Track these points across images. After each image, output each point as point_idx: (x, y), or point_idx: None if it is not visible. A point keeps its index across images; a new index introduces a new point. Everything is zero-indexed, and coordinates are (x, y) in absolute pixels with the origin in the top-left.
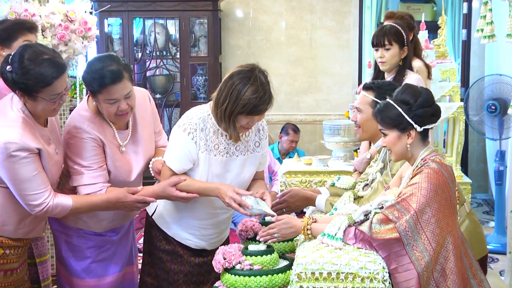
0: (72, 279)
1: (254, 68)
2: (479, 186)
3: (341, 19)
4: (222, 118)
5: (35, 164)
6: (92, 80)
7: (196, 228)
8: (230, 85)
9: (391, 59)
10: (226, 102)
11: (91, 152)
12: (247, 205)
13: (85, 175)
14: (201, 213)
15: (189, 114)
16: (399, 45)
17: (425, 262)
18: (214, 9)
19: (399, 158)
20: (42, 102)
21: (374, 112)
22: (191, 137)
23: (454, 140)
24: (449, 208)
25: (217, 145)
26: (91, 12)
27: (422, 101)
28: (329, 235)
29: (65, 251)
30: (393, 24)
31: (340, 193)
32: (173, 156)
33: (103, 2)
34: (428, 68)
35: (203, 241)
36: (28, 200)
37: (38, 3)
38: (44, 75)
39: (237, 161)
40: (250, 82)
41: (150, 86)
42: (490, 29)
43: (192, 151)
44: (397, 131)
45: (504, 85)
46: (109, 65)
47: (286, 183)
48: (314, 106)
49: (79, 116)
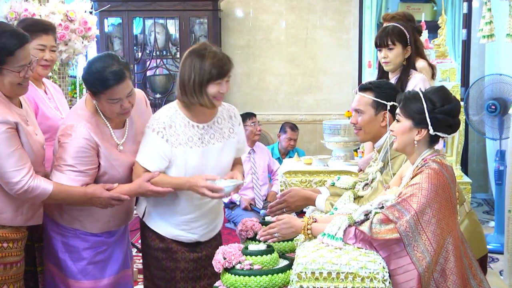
0: (68, 281)
1: (205, 43)
2: (479, 186)
3: (341, 18)
4: (193, 94)
5: (14, 139)
6: (95, 81)
7: (185, 223)
8: (189, 62)
9: (395, 59)
10: (192, 76)
11: (81, 153)
12: (220, 188)
13: (66, 175)
14: (185, 208)
15: (156, 114)
16: (402, 45)
17: (426, 263)
18: (214, 9)
19: (401, 148)
20: (8, 75)
21: (399, 97)
22: (160, 136)
23: (454, 140)
24: (450, 209)
25: (191, 137)
26: (91, 12)
27: (448, 109)
28: (329, 235)
29: (61, 252)
30: (395, 24)
31: (340, 193)
32: (146, 156)
33: (103, 2)
34: (433, 68)
35: (195, 235)
36: (7, 178)
37: (38, 3)
38: (6, 44)
39: (214, 149)
40: (206, 53)
41: (150, 86)
42: (489, 28)
43: (165, 150)
44: (411, 123)
45: (504, 85)
46: (111, 66)
47: (286, 183)
48: (314, 106)
49: (76, 115)
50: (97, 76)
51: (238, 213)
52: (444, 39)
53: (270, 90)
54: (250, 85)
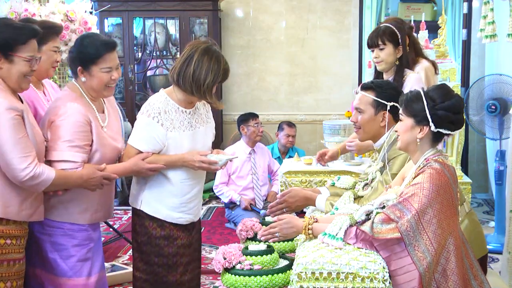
0: (59, 280)
1: (212, 42)
2: (479, 186)
3: (341, 19)
4: (205, 92)
5: (21, 127)
6: (89, 52)
7: (184, 204)
8: (208, 62)
9: (386, 58)
10: (208, 78)
11: (78, 127)
12: (215, 161)
13: (66, 151)
14: (181, 190)
15: (150, 101)
16: (393, 44)
17: (427, 263)
18: (214, 9)
19: (404, 147)
20: (19, 63)
21: (402, 98)
22: (156, 120)
23: (454, 140)
24: (451, 209)
25: (182, 121)
26: (91, 12)
27: (449, 105)
28: (330, 234)
29: (50, 252)
30: (387, 24)
31: (340, 193)
32: (140, 138)
33: (103, 2)
34: (434, 64)
35: (191, 215)
36: (13, 164)
37: (38, 3)
38: (18, 34)
39: (200, 132)
40: (221, 57)
41: (150, 86)
42: (492, 28)
43: (160, 134)
44: (413, 121)
45: (504, 85)
46: (99, 37)
47: (286, 183)
48: (314, 106)
49: (64, 98)
50: (91, 46)
51: (238, 213)
52: (444, 39)
53: (270, 90)
54: (250, 85)
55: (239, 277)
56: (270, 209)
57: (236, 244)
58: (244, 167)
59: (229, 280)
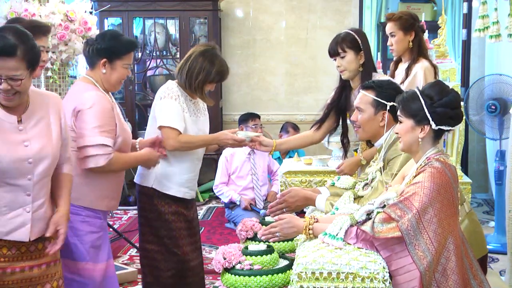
0: (77, 264)
1: (215, 47)
2: (479, 186)
3: (341, 19)
4: (196, 88)
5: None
6: (122, 44)
7: (189, 181)
8: (202, 62)
9: (348, 66)
10: (199, 76)
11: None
12: (243, 139)
13: (97, 136)
14: (188, 167)
15: (167, 85)
16: (354, 51)
17: (427, 262)
18: (214, 9)
19: (406, 148)
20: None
21: (398, 99)
22: (177, 101)
23: (454, 140)
24: (451, 208)
25: (190, 108)
26: (91, 12)
27: (446, 101)
28: (331, 234)
29: (71, 237)
30: (347, 31)
31: (340, 193)
32: (173, 118)
33: (103, 2)
34: (435, 67)
35: (193, 190)
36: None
37: (38, 3)
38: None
39: (202, 120)
40: (216, 60)
41: (150, 86)
42: (496, 28)
43: (182, 113)
44: (413, 122)
45: (504, 85)
46: (124, 36)
47: (286, 183)
48: (314, 106)
49: (86, 87)
50: (123, 42)
51: (238, 213)
52: (444, 39)
53: (270, 90)
54: (250, 85)
55: (239, 277)
56: (270, 209)
57: (236, 244)
58: (244, 167)
59: (229, 280)
